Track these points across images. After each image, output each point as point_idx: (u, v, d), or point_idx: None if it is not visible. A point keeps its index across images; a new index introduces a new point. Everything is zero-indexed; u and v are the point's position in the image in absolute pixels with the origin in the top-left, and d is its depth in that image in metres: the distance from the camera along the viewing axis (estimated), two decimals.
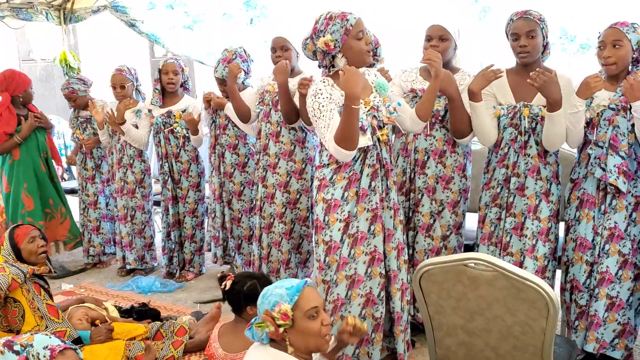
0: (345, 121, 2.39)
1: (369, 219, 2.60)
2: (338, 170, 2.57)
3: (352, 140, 2.42)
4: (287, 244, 3.71)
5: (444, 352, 2.09)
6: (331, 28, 2.45)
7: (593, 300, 2.66)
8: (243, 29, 5.51)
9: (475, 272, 1.87)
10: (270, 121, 3.64)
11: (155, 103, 4.14)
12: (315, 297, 1.92)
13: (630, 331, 2.68)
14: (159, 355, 2.98)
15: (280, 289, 1.91)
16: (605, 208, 2.64)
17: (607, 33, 2.56)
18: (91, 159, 4.61)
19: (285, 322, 1.86)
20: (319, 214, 2.62)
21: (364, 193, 2.57)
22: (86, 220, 4.69)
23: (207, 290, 4.14)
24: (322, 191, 2.61)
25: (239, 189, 4.06)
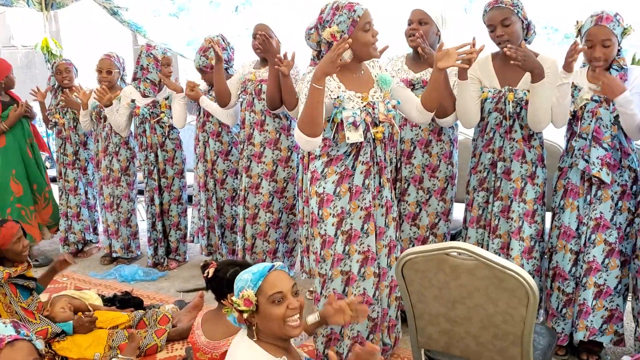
0: (306, 101, 2.32)
1: (362, 217, 2.56)
2: (329, 163, 2.53)
3: (311, 124, 2.33)
4: (274, 233, 3.71)
5: (425, 340, 2.10)
6: (338, 18, 2.39)
7: (581, 290, 2.70)
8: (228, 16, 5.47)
9: (457, 261, 1.88)
10: (254, 110, 3.62)
11: (149, 94, 4.09)
12: (281, 281, 1.87)
13: (619, 317, 2.73)
14: (142, 343, 2.98)
15: (248, 274, 1.88)
16: (591, 199, 2.67)
17: (595, 32, 2.54)
18: (70, 145, 4.55)
19: (247, 308, 1.84)
20: (314, 207, 2.59)
21: (357, 190, 2.54)
22: (66, 206, 4.65)
23: (190, 279, 4.13)
24: (315, 184, 2.57)
25: (222, 177, 4.04)
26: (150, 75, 4.06)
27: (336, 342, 2.69)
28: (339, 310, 2.10)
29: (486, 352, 1.96)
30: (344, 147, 2.50)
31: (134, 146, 4.38)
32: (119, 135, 4.26)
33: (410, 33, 2.91)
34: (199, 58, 3.81)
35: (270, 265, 1.91)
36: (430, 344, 2.10)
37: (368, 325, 2.60)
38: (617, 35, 2.56)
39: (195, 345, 2.49)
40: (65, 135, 4.54)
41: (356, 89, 2.48)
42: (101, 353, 2.93)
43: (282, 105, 3.47)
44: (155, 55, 4.05)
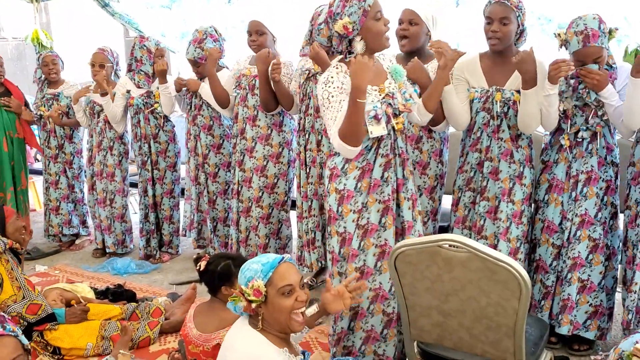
0: (350, 115, 2.28)
1: (380, 210, 2.48)
2: (349, 159, 2.46)
3: (356, 136, 2.32)
4: (264, 228, 3.70)
5: (418, 333, 2.11)
6: (348, 10, 2.32)
7: (566, 285, 2.72)
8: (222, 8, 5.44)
9: (450, 254, 1.88)
10: (247, 105, 3.61)
11: (144, 86, 4.09)
12: (290, 274, 1.91)
13: (602, 312, 2.75)
14: (134, 336, 2.98)
15: (257, 264, 1.90)
16: (577, 195, 2.68)
17: (585, 53, 2.52)
18: (55, 138, 4.52)
19: (257, 298, 1.86)
20: (332, 204, 2.50)
21: (375, 184, 2.46)
22: (47, 199, 4.64)
23: (183, 271, 4.12)
24: (334, 181, 2.49)
25: (214, 170, 4.03)
26: (143, 67, 4.06)
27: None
28: (338, 296, 2.10)
29: (479, 344, 1.97)
30: (365, 142, 2.42)
31: (128, 141, 4.36)
32: (114, 130, 4.24)
33: (401, 34, 2.90)
34: (194, 50, 3.77)
35: (280, 257, 1.93)
36: (423, 336, 2.11)
37: (383, 320, 2.52)
38: (605, 46, 2.56)
39: (187, 338, 2.49)
40: (49, 128, 4.51)
41: (371, 81, 2.39)
42: (93, 343, 2.92)
43: (277, 107, 3.49)
44: (149, 47, 4.05)
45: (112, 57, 4.23)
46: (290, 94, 3.43)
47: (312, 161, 3.38)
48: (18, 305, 2.84)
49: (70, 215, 4.66)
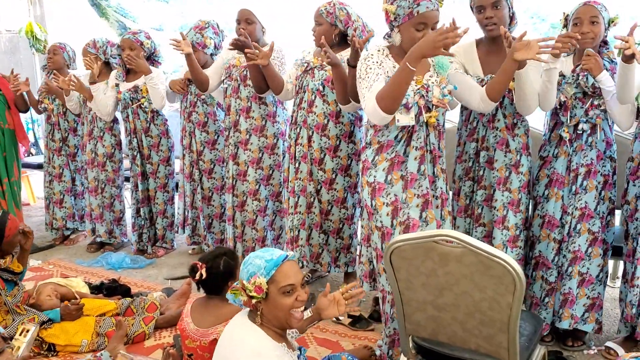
0: (396, 79, 2.21)
1: (419, 205, 2.43)
2: (380, 150, 2.44)
3: (393, 100, 2.23)
4: (262, 221, 3.70)
5: (413, 327, 2.12)
6: (400, 2, 2.30)
7: (567, 279, 2.73)
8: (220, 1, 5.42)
9: (445, 249, 1.89)
10: (239, 97, 3.60)
11: (119, 78, 4.09)
12: (293, 273, 1.90)
13: (600, 305, 2.77)
14: (129, 331, 2.98)
15: (261, 259, 1.89)
16: (577, 189, 2.69)
17: (583, 10, 2.59)
18: (59, 131, 4.52)
19: (258, 295, 1.86)
20: (367, 198, 2.47)
21: (412, 178, 2.41)
22: (51, 193, 4.63)
23: (177, 266, 4.12)
24: (365, 174, 2.47)
25: (209, 167, 4.02)
26: (121, 62, 4.09)
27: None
28: (333, 302, 2.10)
29: (473, 339, 1.98)
30: (394, 132, 2.40)
31: (118, 132, 4.35)
32: (104, 120, 4.23)
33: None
34: (194, 34, 3.77)
35: (284, 254, 1.92)
36: (418, 331, 2.12)
37: None
38: (604, 18, 2.59)
39: (184, 333, 2.49)
40: (53, 121, 4.51)
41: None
42: (89, 340, 2.92)
43: (269, 88, 3.46)
44: (118, 42, 4.10)
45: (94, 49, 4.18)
46: (278, 77, 3.38)
47: (303, 156, 3.35)
48: (10, 329, 2.81)
49: (74, 208, 4.66)
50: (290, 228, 3.45)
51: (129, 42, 3.97)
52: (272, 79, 3.37)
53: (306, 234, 3.42)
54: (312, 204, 3.39)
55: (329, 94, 3.25)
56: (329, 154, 3.31)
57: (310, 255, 3.46)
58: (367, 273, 3.13)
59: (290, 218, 3.45)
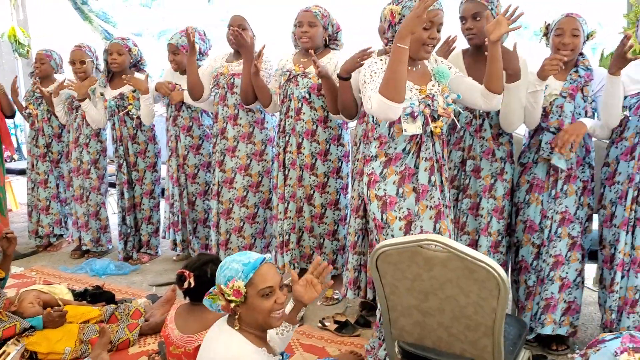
0: (390, 63, 2.15)
1: (432, 217, 2.40)
2: (388, 163, 2.39)
3: (397, 87, 2.15)
4: (250, 228, 3.69)
5: (399, 332, 2.13)
6: (407, 3, 2.28)
7: (548, 283, 2.76)
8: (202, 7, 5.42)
9: (430, 253, 1.90)
10: (226, 104, 3.60)
11: (101, 84, 4.07)
12: (271, 276, 1.90)
13: (575, 309, 2.80)
14: (113, 338, 2.95)
15: (238, 263, 1.88)
16: (557, 193, 2.73)
17: (566, 21, 2.64)
18: (43, 137, 4.48)
19: (236, 299, 1.85)
20: (375, 212, 2.41)
21: (424, 189, 2.38)
22: (35, 199, 4.58)
23: (162, 273, 4.10)
24: (373, 187, 2.41)
25: (193, 171, 4.01)
26: (105, 67, 4.07)
27: None
28: (308, 285, 2.07)
29: (458, 343, 1.99)
30: (402, 144, 2.37)
31: (105, 139, 4.32)
32: (90, 127, 4.20)
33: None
34: (179, 37, 3.78)
35: (261, 257, 1.91)
36: (404, 336, 2.12)
37: None
38: (584, 31, 2.65)
39: (168, 339, 2.47)
40: (38, 126, 4.48)
41: (413, 80, 2.34)
42: (72, 347, 2.89)
43: (256, 100, 3.47)
44: (105, 47, 4.07)
45: (90, 52, 4.21)
46: (267, 89, 3.41)
47: (292, 163, 3.37)
48: None
49: (61, 214, 4.62)
50: (280, 233, 3.46)
51: (118, 47, 3.97)
52: (260, 91, 3.39)
53: (296, 237, 3.44)
54: (302, 208, 3.41)
55: (315, 100, 3.27)
56: (320, 159, 3.34)
57: (302, 256, 3.48)
58: (352, 280, 3.14)
59: (280, 223, 3.45)
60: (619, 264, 2.63)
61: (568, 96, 2.67)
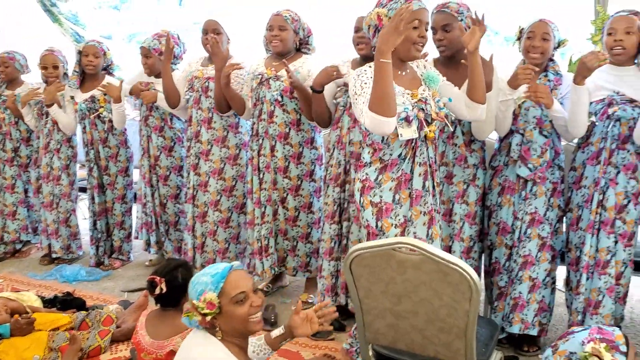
0: (376, 79, 2.14)
1: (426, 222, 2.40)
2: (383, 170, 2.36)
3: (386, 102, 2.14)
4: (223, 232, 3.67)
5: (373, 335, 2.13)
6: (392, 5, 2.28)
7: (517, 283, 2.80)
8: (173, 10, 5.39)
9: (404, 256, 1.91)
10: (201, 108, 3.58)
11: (72, 86, 4.00)
12: (242, 281, 1.89)
13: (544, 309, 2.85)
14: (84, 345, 2.90)
15: (206, 276, 1.87)
16: (526, 194, 2.77)
17: (537, 25, 2.70)
18: (10, 141, 4.38)
19: (210, 311, 1.84)
20: (369, 219, 2.38)
21: (417, 195, 2.37)
22: (1, 204, 4.48)
23: (134, 278, 4.05)
24: (368, 194, 2.37)
25: (165, 173, 3.97)
26: (77, 68, 4.01)
27: None
28: (306, 320, 2.07)
29: (431, 346, 2.00)
30: (397, 150, 2.34)
31: (76, 144, 4.26)
32: (61, 132, 4.13)
33: (358, 41, 2.94)
34: (151, 40, 3.75)
35: (228, 265, 1.90)
36: (378, 339, 2.13)
37: None
38: (555, 37, 2.71)
39: (139, 346, 2.44)
40: (5, 130, 4.37)
41: (404, 85, 2.33)
42: (40, 355, 2.83)
43: (230, 109, 3.47)
44: (78, 47, 4.03)
45: (62, 56, 4.15)
46: (240, 98, 3.41)
47: (266, 167, 3.36)
48: None
49: (27, 220, 4.52)
50: (258, 239, 3.43)
51: (94, 49, 3.95)
52: (232, 100, 3.39)
53: (274, 241, 3.42)
54: (277, 211, 3.40)
55: (287, 103, 3.27)
56: (293, 162, 3.33)
57: (277, 259, 3.47)
58: (329, 287, 3.15)
59: (257, 229, 3.42)
60: (585, 266, 2.68)
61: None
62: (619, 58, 2.61)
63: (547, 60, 2.77)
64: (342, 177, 3.08)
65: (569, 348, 1.37)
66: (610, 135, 2.62)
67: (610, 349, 1.35)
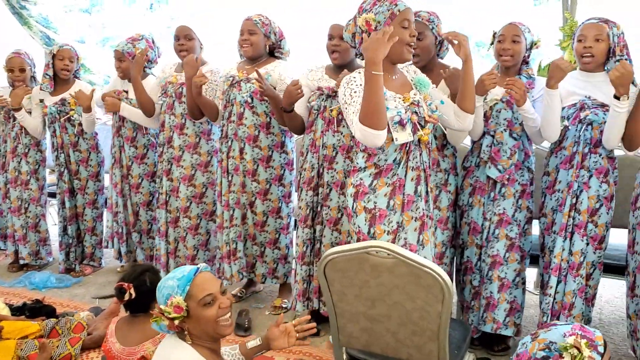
0: (367, 92, 2.11)
1: (417, 228, 2.36)
2: (378, 175, 2.32)
3: (377, 115, 2.12)
4: (192, 239, 3.64)
5: (346, 339, 2.14)
6: (377, 9, 2.26)
7: (487, 283, 2.84)
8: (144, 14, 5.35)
9: (377, 260, 1.92)
10: (174, 113, 3.56)
11: (46, 89, 3.95)
12: (209, 283, 1.87)
13: (517, 309, 2.89)
14: (54, 353, 2.85)
15: (172, 280, 1.85)
16: (495, 195, 2.81)
17: (507, 28, 2.75)
18: None
19: (178, 315, 1.82)
20: (361, 225, 2.35)
21: (409, 200, 2.34)
22: None
23: (106, 285, 3.99)
24: (362, 199, 2.33)
25: (137, 181, 3.93)
26: (49, 71, 3.95)
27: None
28: (284, 333, 2.06)
29: (404, 349, 2.02)
30: (392, 154, 2.31)
31: (45, 148, 4.19)
32: (29, 136, 4.06)
33: (332, 49, 2.95)
34: (125, 44, 3.72)
35: (194, 268, 1.89)
36: (352, 342, 2.13)
37: None
38: (526, 39, 2.75)
39: (109, 354, 2.41)
40: None
41: (395, 90, 2.31)
42: None
43: (203, 115, 3.46)
44: (52, 50, 3.97)
45: (29, 59, 4.08)
46: (214, 105, 3.41)
47: (235, 169, 3.35)
48: None
49: None
50: (227, 242, 3.41)
51: (70, 53, 3.93)
52: (205, 107, 3.39)
53: (242, 245, 3.40)
54: (246, 215, 3.38)
55: (257, 105, 3.26)
56: (262, 165, 3.32)
57: (245, 265, 3.44)
58: (302, 292, 3.14)
59: (226, 232, 3.41)
60: (555, 268, 2.72)
61: (506, 102, 2.77)
62: (589, 65, 2.66)
63: (520, 63, 2.81)
64: (315, 180, 3.08)
65: (549, 337, 1.40)
66: (583, 139, 2.66)
67: (590, 346, 1.38)
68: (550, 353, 1.35)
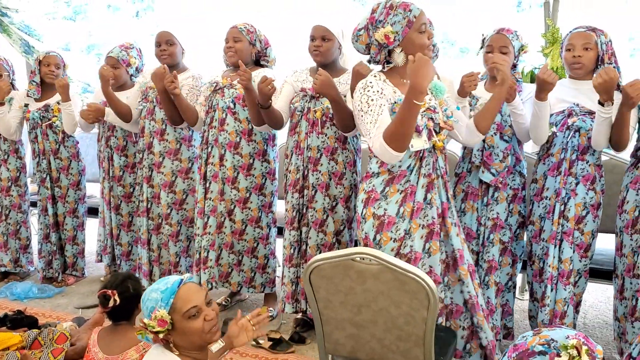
0: (403, 117, 2.10)
1: (424, 236, 2.32)
2: (391, 181, 2.29)
3: (404, 140, 2.14)
4: (174, 246, 3.62)
5: (332, 346, 2.13)
6: (392, 18, 2.23)
7: (484, 289, 2.83)
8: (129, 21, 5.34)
9: (362, 266, 1.92)
10: (154, 119, 3.54)
11: (33, 95, 3.91)
12: (194, 295, 1.84)
13: (509, 312, 2.91)
14: None
15: (156, 292, 1.82)
16: (488, 200, 2.82)
17: (495, 38, 2.75)
18: None
19: (162, 328, 1.79)
20: (368, 231, 2.31)
21: (418, 207, 2.30)
22: None
23: (89, 294, 3.94)
24: (372, 205, 2.30)
25: (129, 191, 3.89)
26: (35, 78, 3.93)
27: None
28: (243, 329, 2.04)
29: (390, 354, 2.01)
30: (407, 161, 2.28)
31: (23, 155, 4.14)
32: (9, 142, 4.02)
33: (314, 49, 2.96)
34: (119, 51, 3.71)
35: (178, 280, 1.85)
36: (338, 349, 2.13)
37: None
38: (515, 46, 2.75)
39: None
40: None
41: None
42: None
43: (183, 121, 3.44)
44: (38, 57, 3.94)
45: (7, 65, 4.04)
46: (191, 109, 3.39)
47: (214, 176, 3.31)
48: None
49: None
50: (198, 250, 3.38)
51: (56, 60, 3.91)
52: (184, 110, 3.38)
53: (215, 254, 3.35)
54: (223, 224, 3.34)
55: (240, 111, 3.25)
56: (242, 173, 3.30)
57: (220, 275, 3.38)
58: (290, 294, 3.13)
59: (198, 239, 3.38)
60: (549, 277, 2.70)
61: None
62: (578, 73, 2.68)
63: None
64: (300, 182, 3.07)
65: (552, 335, 1.40)
66: (570, 145, 2.67)
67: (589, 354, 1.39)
68: (548, 349, 1.35)
